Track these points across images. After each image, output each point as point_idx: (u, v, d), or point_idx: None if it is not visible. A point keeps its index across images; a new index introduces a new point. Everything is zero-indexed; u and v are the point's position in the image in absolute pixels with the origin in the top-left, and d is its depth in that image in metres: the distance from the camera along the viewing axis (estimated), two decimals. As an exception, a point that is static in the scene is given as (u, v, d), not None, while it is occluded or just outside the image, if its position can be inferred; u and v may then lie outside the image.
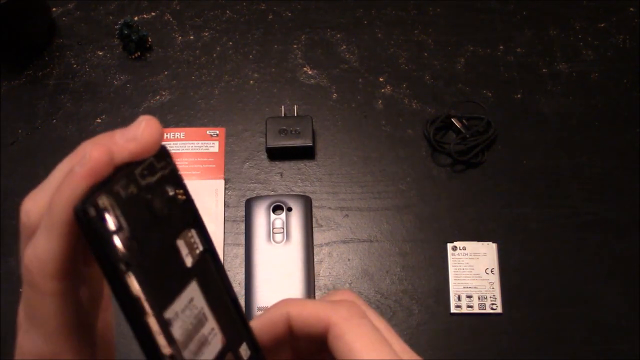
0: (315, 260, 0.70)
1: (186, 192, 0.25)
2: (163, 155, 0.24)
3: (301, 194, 0.72)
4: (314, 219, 0.72)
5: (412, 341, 0.66)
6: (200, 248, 0.25)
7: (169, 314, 0.22)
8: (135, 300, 0.21)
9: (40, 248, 0.21)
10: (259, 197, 0.71)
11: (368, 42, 0.82)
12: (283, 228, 0.69)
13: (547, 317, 0.67)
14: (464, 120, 0.75)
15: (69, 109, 0.78)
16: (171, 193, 0.24)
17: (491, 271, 0.68)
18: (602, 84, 0.79)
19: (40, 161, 0.75)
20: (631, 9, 0.83)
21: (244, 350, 0.26)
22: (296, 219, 0.70)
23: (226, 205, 0.73)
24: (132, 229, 0.21)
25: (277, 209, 0.70)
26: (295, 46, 0.82)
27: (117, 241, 0.21)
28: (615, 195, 0.72)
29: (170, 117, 0.77)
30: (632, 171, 0.74)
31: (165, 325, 0.22)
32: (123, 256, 0.21)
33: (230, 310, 0.26)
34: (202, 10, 0.85)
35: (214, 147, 0.76)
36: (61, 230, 0.21)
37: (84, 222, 0.21)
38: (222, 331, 0.25)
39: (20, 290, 0.23)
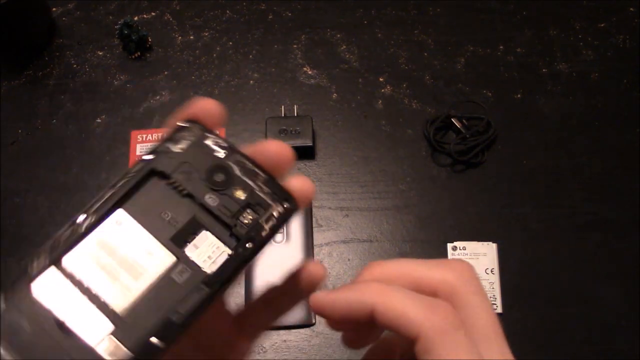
0: (314, 260, 0.70)
1: None
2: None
3: (301, 194, 0.72)
4: (314, 219, 0.72)
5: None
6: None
7: None
8: None
9: None
10: (259, 197, 0.71)
11: (368, 42, 0.82)
12: (283, 228, 0.69)
13: (547, 317, 0.67)
14: (464, 120, 0.75)
15: (69, 109, 0.78)
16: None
17: (491, 271, 0.68)
18: (602, 84, 0.79)
19: (40, 161, 0.75)
20: (631, 9, 0.83)
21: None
22: (296, 219, 0.70)
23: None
24: None
25: (277, 209, 0.70)
26: (295, 46, 0.82)
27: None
28: (615, 195, 0.72)
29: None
30: (632, 171, 0.74)
31: None
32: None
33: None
34: (202, 10, 0.85)
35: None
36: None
37: None
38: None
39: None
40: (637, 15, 0.83)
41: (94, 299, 0.22)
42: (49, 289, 0.22)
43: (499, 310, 0.67)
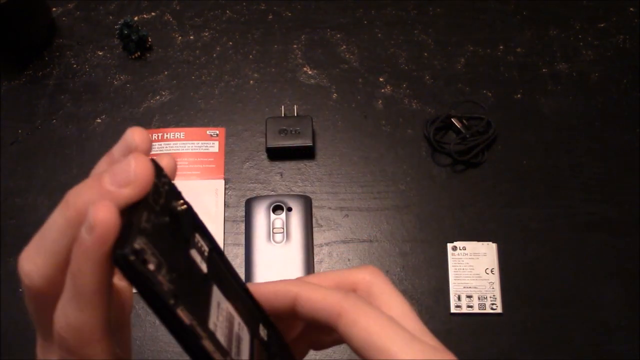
0: (315, 260, 0.70)
1: (185, 201, 0.24)
2: (160, 173, 0.23)
3: (301, 194, 0.72)
4: (314, 219, 0.72)
5: (412, 341, 0.66)
6: (207, 249, 0.25)
7: (211, 327, 0.23)
8: (189, 328, 0.21)
9: (72, 317, 0.21)
10: (259, 197, 0.71)
11: (368, 42, 0.82)
12: (283, 228, 0.69)
13: (547, 317, 0.67)
14: (464, 120, 0.75)
15: (69, 109, 0.78)
16: (178, 208, 0.24)
17: (491, 271, 0.68)
18: (602, 84, 0.79)
19: (40, 161, 0.75)
20: (631, 9, 0.83)
21: (262, 330, 0.26)
22: (296, 219, 0.70)
23: (226, 205, 0.73)
24: (167, 261, 0.21)
25: (277, 209, 0.70)
26: (295, 46, 0.82)
27: (162, 278, 0.21)
28: (615, 195, 0.72)
29: (170, 117, 0.77)
30: (632, 171, 0.74)
31: (215, 341, 0.22)
32: (170, 291, 0.21)
33: (242, 296, 0.26)
34: (202, 10, 0.85)
35: (214, 147, 0.76)
36: (92, 300, 0.21)
37: (126, 269, 0.20)
38: (245, 322, 0.25)
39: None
40: (637, 15, 0.83)
41: None
42: None
43: (499, 310, 0.67)
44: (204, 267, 0.24)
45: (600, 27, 0.82)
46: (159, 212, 0.22)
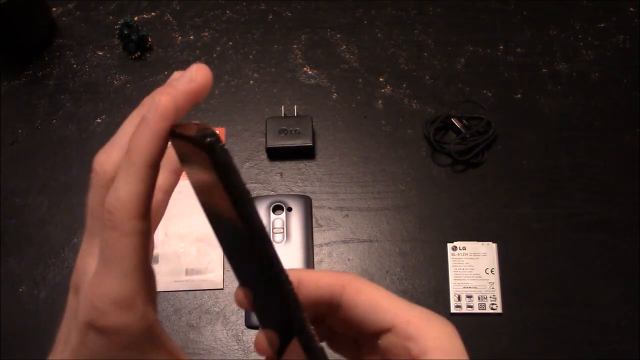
0: (315, 260, 0.70)
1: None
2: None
3: (301, 194, 0.72)
4: (314, 219, 0.72)
5: (412, 341, 0.66)
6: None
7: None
8: (263, 228, 0.22)
9: (122, 190, 0.23)
10: (259, 197, 0.71)
11: (368, 42, 0.82)
12: (283, 228, 0.69)
13: (547, 317, 0.67)
14: (464, 120, 0.75)
15: (69, 109, 0.78)
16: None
17: (491, 271, 0.68)
18: (602, 84, 0.79)
19: (40, 161, 0.75)
20: (631, 9, 0.83)
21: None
22: (296, 219, 0.70)
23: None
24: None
25: (277, 209, 0.70)
26: (295, 46, 0.82)
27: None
28: (615, 195, 0.72)
29: (170, 117, 0.77)
30: (632, 171, 0.74)
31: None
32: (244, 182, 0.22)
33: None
34: (202, 10, 0.85)
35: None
36: (142, 173, 0.23)
37: (218, 152, 0.21)
38: None
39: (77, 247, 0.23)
40: (637, 15, 0.83)
41: None
42: None
43: (499, 310, 0.67)
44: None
45: (600, 27, 0.82)
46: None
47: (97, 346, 0.23)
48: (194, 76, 0.24)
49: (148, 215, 0.24)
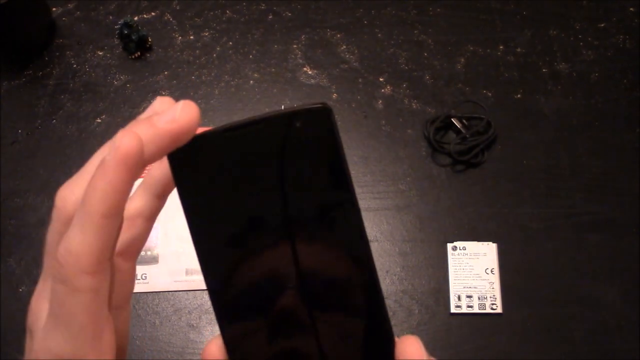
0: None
1: None
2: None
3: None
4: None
5: (412, 341, 0.66)
6: None
7: None
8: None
9: (75, 241, 0.21)
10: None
11: (368, 42, 0.82)
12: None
13: (547, 317, 0.67)
14: (464, 120, 0.75)
15: (69, 109, 0.78)
16: None
17: (491, 271, 0.68)
18: (602, 84, 0.79)
19: (40, 161, 0.75)
20: (631, 9, 0.83)
21: None
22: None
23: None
24: None
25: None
26: (295, 46, 0.82)
27: None
28: (615, 195, 0.72)
29: (170, 117, 0.77)
30: (632, 171, 0.73)
31: None
32: None
33: None
34: (202, 10, 0.85)
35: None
36: (97, 223, 0.20)
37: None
38: None
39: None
40: (637, 15, 0.83)
41: None
42: None
43: (499, 310, 0.67)
44: None
45: (600, 27, 0.82)
46: None
47: None
48: (177, 116, 0.21)
49: (105, 269, 0.21)
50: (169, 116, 0.21)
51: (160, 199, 0.25)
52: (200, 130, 0.22)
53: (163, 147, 0.21)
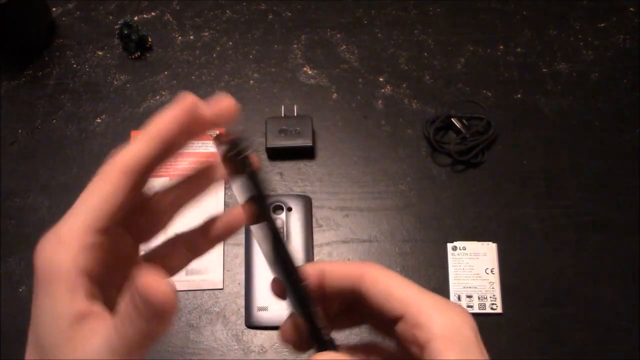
0: (315, 260, 0.70)
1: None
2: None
3: (301, 194, 0.72)
4: (314, 219, 0.72)
5: (412, 341, 0.66)
6: None
7: None
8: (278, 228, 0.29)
9: (130, 148, 0.27)
10: (259, 197, 0.71)
11: (368, 42, 0.82)
12: (283, 228, 0.69)
13: (547, 317, 0.67)
14: (464, 120, 0.75)
15: (69, 109, 0.78)
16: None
17: (491, 271, 0.68)
18: (602, 84, 0.79)
19: (40, 161, 0.75)
20: (631, 8, 0.83)
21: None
22: (296, 219, 0.70)
23: (226, 205, 0.73)
24: None
25: (277, 209, 0.70)
26: (295, 46, 0.82)
27: None
28: (615, 195, 0.72)
29: (170, 117, 0.77)
30: (632, 171, 0.74)
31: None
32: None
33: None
34: (202, 10, 0.85)
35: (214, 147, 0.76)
36: (153, 138, 0.28)
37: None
38: None
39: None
40: (637, 15, 0.83)
41: None
42: None
43: (499, 310, 0.67)
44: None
45: (600, 27, 0.82)
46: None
47: None
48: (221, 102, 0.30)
49: (116, 223, 0.27)
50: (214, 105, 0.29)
51: (164, 145, 0.29)
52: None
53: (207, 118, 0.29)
